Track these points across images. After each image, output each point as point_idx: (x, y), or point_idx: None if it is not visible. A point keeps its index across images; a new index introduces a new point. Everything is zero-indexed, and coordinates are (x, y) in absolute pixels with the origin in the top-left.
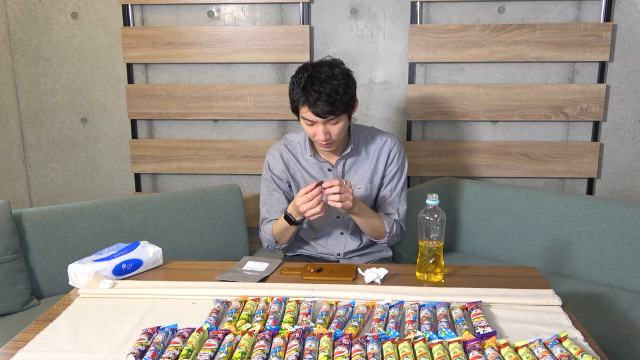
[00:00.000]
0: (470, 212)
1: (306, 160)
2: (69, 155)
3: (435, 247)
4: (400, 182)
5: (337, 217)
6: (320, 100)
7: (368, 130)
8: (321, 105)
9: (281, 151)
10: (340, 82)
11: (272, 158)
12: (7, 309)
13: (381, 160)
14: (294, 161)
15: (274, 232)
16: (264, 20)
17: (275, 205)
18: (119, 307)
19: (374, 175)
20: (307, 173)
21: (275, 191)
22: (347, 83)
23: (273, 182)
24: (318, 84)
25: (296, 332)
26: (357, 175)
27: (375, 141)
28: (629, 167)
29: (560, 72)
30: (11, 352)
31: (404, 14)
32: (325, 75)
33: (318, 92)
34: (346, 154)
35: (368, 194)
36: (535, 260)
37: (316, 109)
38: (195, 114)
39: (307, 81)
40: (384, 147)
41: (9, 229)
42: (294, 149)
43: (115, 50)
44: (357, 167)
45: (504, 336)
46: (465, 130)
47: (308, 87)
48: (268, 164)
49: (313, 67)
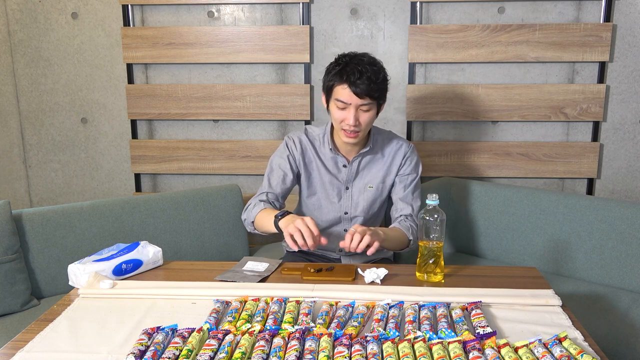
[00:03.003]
0: (470, 212)
1: (323, 153)
2: (69, 155)
3: (435, 247)
4: (414, 181)
5: (345, 212)
6: (362, 79)
7: (386, 133)
8: (361, 85)
9: (301, 138)
10: (381, 70)
11: (292, 142)
12: (7, 309)
13: (395, 163)
14: (311, 150)
15: (258, 217)
16: (264, 21)
17: (279, 181)
18: (119, 307)
19: (387, 176)
20: (322, 165)
21: (286, 169)
22: (385, 75)
23: (287, 160)
24: (361, 65)
25: (296, 332)
26: (371, 174)
27: (391, 144)
28: (629, 167)
29: (560, 72)
30: (11, 352)
31: (404, 14)
32: (367, 60)
33: (360, 72)
34: (364, 152)
35: (379, 195)
36: (535, 260)
37: (356, 87)
38: (195, 114)
39: (350, 62)
40: (399, 151)
41: (9, 229)
42: (313, 140)
43: (115, 50)
44: (371, 166)
45: (504, 336)
46: (465, 130)
47: (351, 66)
48: (287, 144)
49: (353, 53)
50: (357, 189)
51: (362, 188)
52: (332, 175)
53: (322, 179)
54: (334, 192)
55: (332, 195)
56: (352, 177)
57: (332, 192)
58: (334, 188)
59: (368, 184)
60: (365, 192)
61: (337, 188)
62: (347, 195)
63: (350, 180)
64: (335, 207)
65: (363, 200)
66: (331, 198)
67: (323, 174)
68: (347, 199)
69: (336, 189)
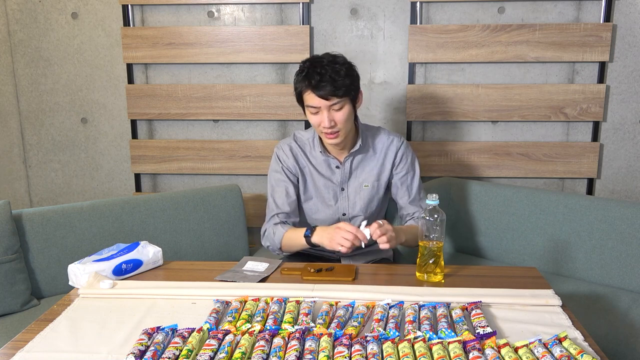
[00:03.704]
0: (470, 212)
1: (314, 157)
2: (69, 155)
3: (435, 247)
4: (415, 181)
5: (344, 214)
6: (323, 81)
7: (375, 130)
8: (323, 86)
9: (291, 145)
10: (342, 66)
11: (282, 152)
12: (7, 309)
13: (388, 159)
14: (302, 156)
15: (284, 241)
16: (264, 21)
17: (284, 198)
18: (119, 308)
19: (381, 174)
20: (315, 169)
21: (285, 182)
22: (349, 69)
23: (283, 173)
24: (320, 67)
25: (296, 332)
26: (365, 173)
27: (382, 139)
28: (629, 167)
29: (560, 72)
30: (11, 352)
31: (404, 14)
32: (326, 60)
33: (320, 74)
34: (354, 151)
35: (375, 192)
36: (535, 260)
37: (319, 90)
38: (195, 114)
39: (309, 67)
40: (391, 146)
41: (9, 229)
42: (302, 145)
43: (115, 50)
44: (364, 164)
45: (504, 336)
46: (465, 131)
47: (310, 71)
48: (278, 156)
49: (315, 57)
50: (353, 189)
51: (358, 187)
52: (325, 178)
53: (315, 184)
54: (329, 194)
55: (327, 198)
56: (346, 177)
57: (327, 195)
58: (329, 191)
59: (363, 182)
60: (362, 192)
61: (333, 190)
62: (343, 196)
63: (345, 181)
64: (332, 210)
65: (360, 200)
66: (327, 201)
67: (316, 179)
68: (344, 200)
69: (332, 191)
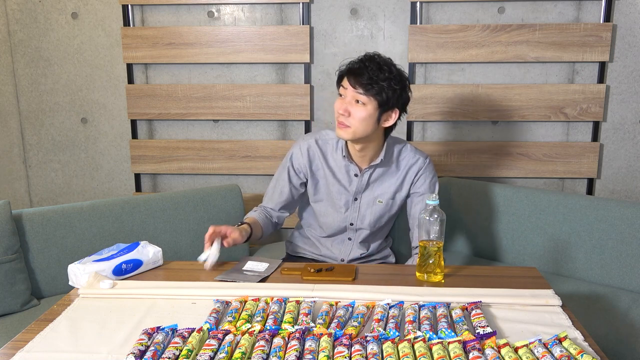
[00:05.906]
0: (470, 212)
1: (335, 159)
2: (69, 155)
3: (435, 247)
4: None
5: (351, 224)
6: (362, 70)
7: (403, 145)
8: (360, 74)
9: (310, 145)
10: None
11: (297, 150)
12: (7, 309)
13: (408, 178)
14: (320, 157)
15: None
16: (264, 21)
17: (276, 196)
18: (119, 308)
19: (398, 192)
20: (331, 172)
21: (285, 182)
22: (394, 79)
23: (287, 173)
24: (369, 62)
25: (296, 332)
26: (381, 188)
27: (407, 157)
28: (629, 167)
29: (560, 72)
30: (11, 352)
31: (404, 14)
32: (380, 59)
33: (365, 67)
34: (376, 164)
35: (387, 210)
36: (535, 260)
37: (354, 75)
38: (195, 114)
39: (362, 58)
40: (414, 166)
41: (9, 229)
42: (324, 145)
43: (115, 50)
44: (383, 179)
45: (504, 336)
46: (465, 130)
47: (359, 60)
48: (292, 154)
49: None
50: (366, 201)
51: (371, 201)
52: (340, 185)
53: (329, 189)
54: (341, 201)
55: (339, 205)
56: (362, 188)
57: (339, 202)
58: (342, 197)
59: (378, 198)
60: (374, 206)
61: (345, 198)
62: (354, 206)
63: (360, 191)
64: (341, 217)
65: (370, 214)
66: (338, 208)
67: (331, 184)
68: (355, 210)
69: (344, 199)
